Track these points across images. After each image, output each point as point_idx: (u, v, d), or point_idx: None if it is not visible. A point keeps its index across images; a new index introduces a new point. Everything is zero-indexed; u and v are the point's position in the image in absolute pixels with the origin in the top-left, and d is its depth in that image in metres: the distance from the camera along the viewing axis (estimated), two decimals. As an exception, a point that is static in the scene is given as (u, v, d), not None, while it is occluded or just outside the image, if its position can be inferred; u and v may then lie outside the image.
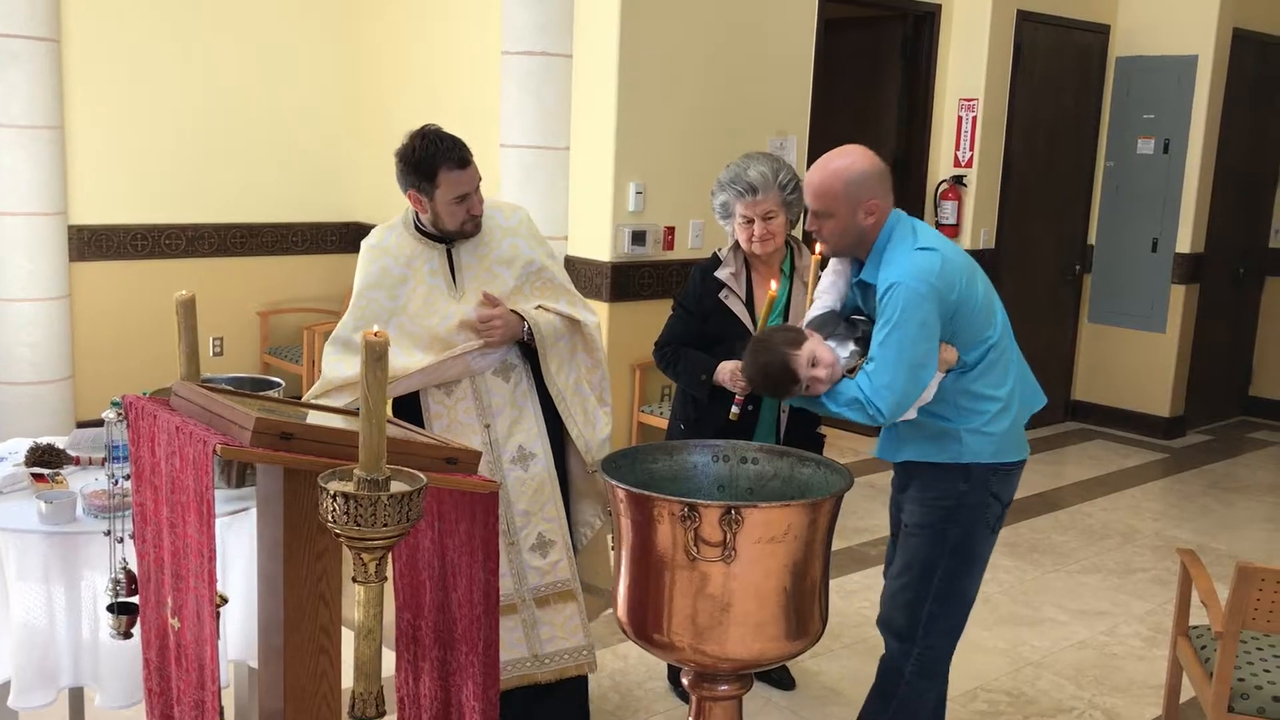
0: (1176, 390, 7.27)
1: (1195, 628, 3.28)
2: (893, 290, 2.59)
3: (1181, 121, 7.02)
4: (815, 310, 2.84)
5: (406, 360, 2.96)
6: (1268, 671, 2.99)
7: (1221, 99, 7.03)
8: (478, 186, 2.97)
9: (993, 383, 2.74)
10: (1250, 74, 7.28)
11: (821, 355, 2.63)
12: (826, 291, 2.86)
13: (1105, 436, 7.31)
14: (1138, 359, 7.33)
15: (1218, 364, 7.63)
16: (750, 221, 3.26)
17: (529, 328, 3.01)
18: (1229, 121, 7.13)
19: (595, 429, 3.13)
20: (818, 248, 2.94)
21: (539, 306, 3.06)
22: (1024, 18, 6.65)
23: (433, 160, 2.88)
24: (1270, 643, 3.13)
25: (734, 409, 3.22)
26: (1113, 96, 7.30)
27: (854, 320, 2.79)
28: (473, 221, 2.99)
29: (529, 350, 3.06)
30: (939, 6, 6.52)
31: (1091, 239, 7.44)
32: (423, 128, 2.95)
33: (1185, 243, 7.09)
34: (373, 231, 3.13)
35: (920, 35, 6.58)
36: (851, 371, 2.69)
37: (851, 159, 2.69)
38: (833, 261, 2.91)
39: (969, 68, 6.59)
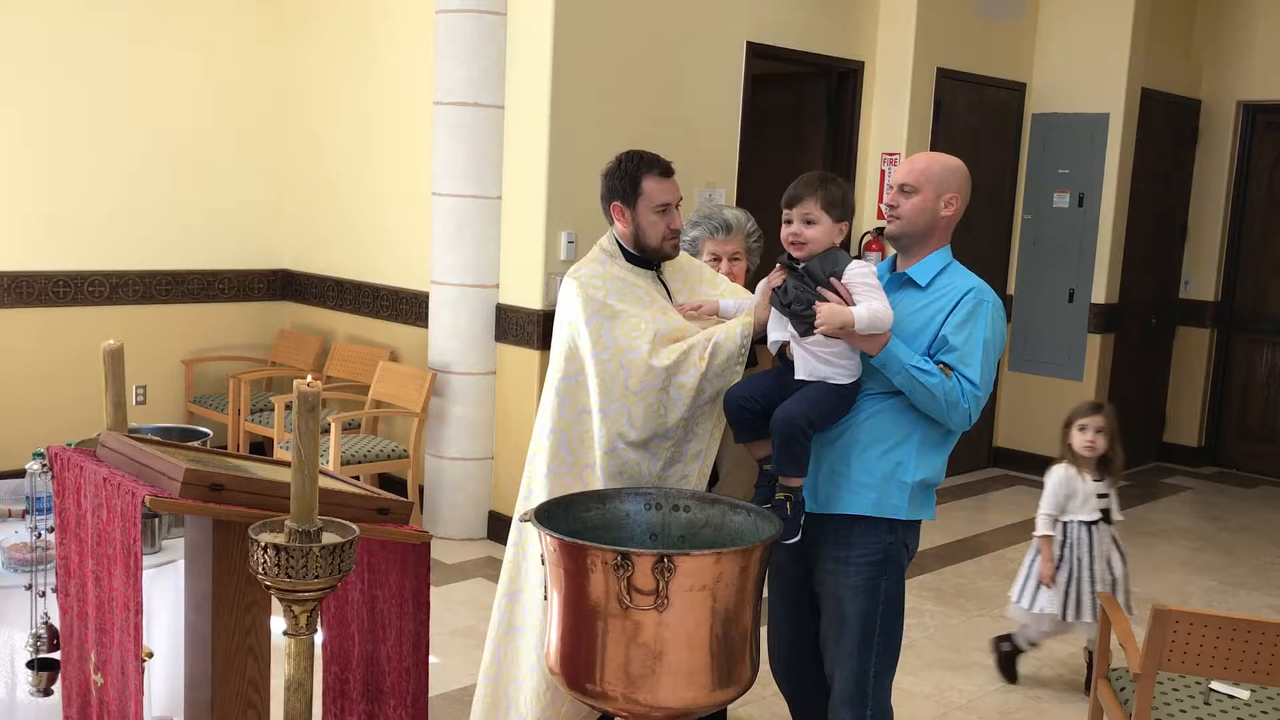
0: (1094, 437, 7.46)
1: (1114, 670, 3.36)
2: (984, 303, 2.72)
3: (1095, 176, 7.27)
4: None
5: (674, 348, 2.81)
6: (1184, 712, 3.07)
7: (1132, 155, 7.29)
8: (678, 204, 2.96)
9: (953, 434, 2.81)
10: (1158, 131, 7.57)
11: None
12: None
13: (1026, 482, 7.46)
14: (1056, 406, 7.47)
15: (1132, 411, 7.84)
16: (718, 260, 3.33)
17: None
18: (1139, 177, 7.40)
19: None
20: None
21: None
22: (944, 75, 6.86)
23: (637, 168, 2.93)
24: (1186, 683, 3.21)
25: None
26: (1029, 151, 7.54)
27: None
28: (673, 238, 2.96)
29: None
30: (862, 64, 6.69)
31: (1011, 289, 7.64)
32: (628, 150, 3.01)
33: (1100, 294, 7.31)
34: (573, 271, 2.99)
35: (844, 91, 6.75)
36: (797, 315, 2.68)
37: (953, 158, 2.89)
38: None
39: (891, 123, 6.77)
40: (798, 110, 6.93)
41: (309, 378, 1.80)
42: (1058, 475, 4.06)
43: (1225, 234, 8.03)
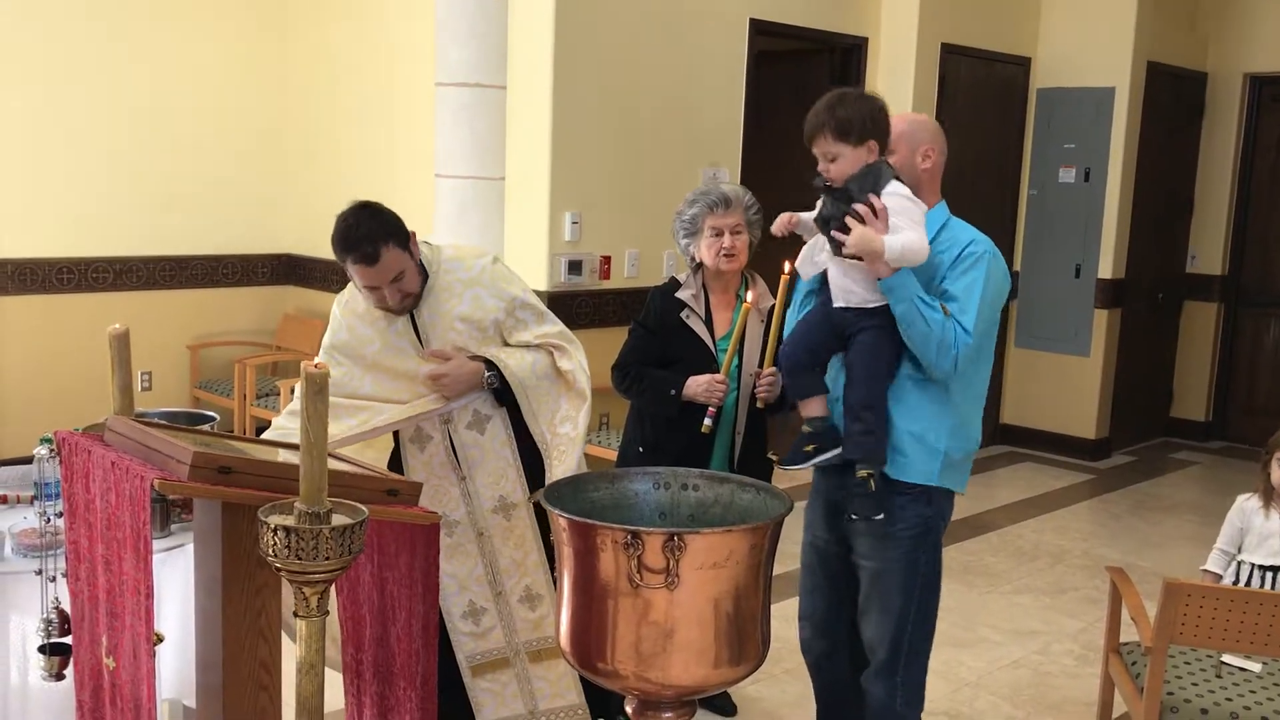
0: (1101, 412, 7.45)
1: (1126, 644, 3.36)
2: (985, 254, 2.70)
3: (1101, 151, 7.23)
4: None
5: (380, 418, 2.92)
6: (1195, 685, 3.06)
7: (1138, 129, 7.25)
8: (396, 277, 2.82)
9: (979, 395, 2.80)
10: (1164, 105, 7.52)
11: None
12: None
13: (1034, 459, 7.45)
14: (1063, 382, 7.50)
15: (1140, 386, 7.83)
16: (719, 234, 3.32)
17: (495, 375, 2.91)
18: (1145, 151, 7.35)
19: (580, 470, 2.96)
20: (786, 267, 2.98)
21: (520, 345, 2.99)
22: (948, 50, 6.81)
23: (341, 249, 2.78)
24: (1197, 656, 3.21)
25: (706, 421, 3.26)
26: (1035, 126, 7.50)
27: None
28: (391, 308, 2.89)
29: (504, 397, 2.97)
30: (865, 40, 6.65)
31: (1017, 265, 7.61)
32: (355, 204, 2.83)
33: (1107, 269, 7.28)
34: (346, 288, 3.01)
35: (848, 68, 6.71)
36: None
37: (919, 114, 2.96)
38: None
39: (895, 99, 6.71)
40: (801, 87, 6.88)
41: (316, 360, 1.79)
42: (1234, 506, 3.52)
43: (1232, 207, 7.98)
